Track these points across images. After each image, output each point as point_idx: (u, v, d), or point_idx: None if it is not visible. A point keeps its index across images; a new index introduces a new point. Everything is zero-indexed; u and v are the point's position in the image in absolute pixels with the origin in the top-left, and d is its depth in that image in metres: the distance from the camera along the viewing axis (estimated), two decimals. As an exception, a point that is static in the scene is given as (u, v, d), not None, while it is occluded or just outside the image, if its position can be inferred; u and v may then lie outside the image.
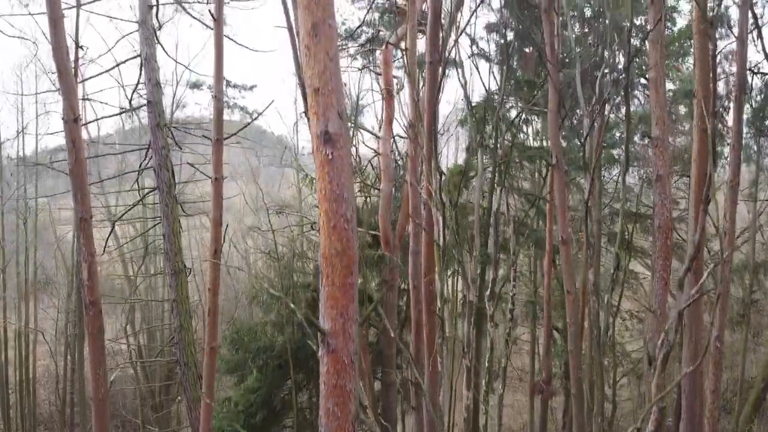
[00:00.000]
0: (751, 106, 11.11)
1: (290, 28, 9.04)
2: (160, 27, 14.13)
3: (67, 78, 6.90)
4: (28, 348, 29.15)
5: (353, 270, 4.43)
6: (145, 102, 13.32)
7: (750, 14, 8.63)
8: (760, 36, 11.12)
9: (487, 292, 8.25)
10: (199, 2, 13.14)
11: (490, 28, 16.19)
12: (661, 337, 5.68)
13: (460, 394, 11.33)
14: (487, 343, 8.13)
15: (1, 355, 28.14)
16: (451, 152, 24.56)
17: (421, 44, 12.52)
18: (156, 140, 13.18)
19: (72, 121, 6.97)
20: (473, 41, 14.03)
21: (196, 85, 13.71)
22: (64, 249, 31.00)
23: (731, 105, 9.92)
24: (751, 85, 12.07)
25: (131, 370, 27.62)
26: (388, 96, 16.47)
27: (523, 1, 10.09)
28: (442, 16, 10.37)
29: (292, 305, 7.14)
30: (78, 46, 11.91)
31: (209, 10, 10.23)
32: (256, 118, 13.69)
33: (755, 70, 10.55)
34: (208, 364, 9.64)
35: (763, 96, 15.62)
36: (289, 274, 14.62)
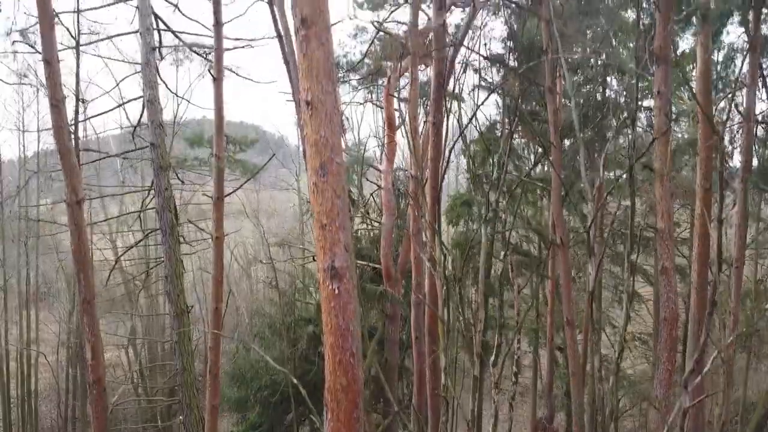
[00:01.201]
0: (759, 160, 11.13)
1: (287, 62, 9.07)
2: (162, 58, 14.17)
3: (69, 159, 6.90)
4: (30, 363, 29.19)
5: (358, 403, 4.45)
6: (148, 144, 13.36)
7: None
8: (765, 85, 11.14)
9: (491, 358, 8.26)
10: (199, 49, 13.08)
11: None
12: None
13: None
14: (491, 410, 8.12)
15: (3, 368, 28.20)
16: (452, 172, 24.53)
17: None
18: (159, 182, 13.21)
19: (75, 203, 6.97)
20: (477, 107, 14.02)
21: (195, 141, 13.67)
22: (64, 257, 31.02)
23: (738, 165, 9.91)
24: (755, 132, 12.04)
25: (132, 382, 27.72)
26: (390, 130, 16.47)
27: (525, 78, 10.17)
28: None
29: (294, 380, 7.14)
30: (78, 100, 11.89)
31: (209, 70, 10.24)
32: (257, 173, 13.64)
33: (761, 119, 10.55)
34: (210, 421, 9.67)
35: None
36: (291, 311, 14.63)
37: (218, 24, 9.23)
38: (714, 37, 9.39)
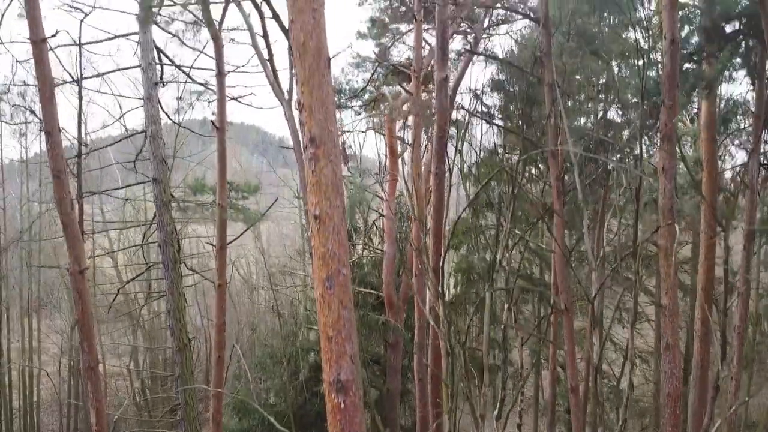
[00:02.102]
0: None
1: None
2: (164, 85, 14.15)
3: (72, 229, 6.89)
4: (32, 374, 29.22)
5: None
6: (150, 179, 13.33)
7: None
8: None
9: (495, 411, 8.25)
10: (202, 94, 13.06)
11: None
12: None
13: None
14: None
15: (5, 379, 28.23)
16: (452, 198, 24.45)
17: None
18: (161, 217, 13.19)
19: (77, 272, 6.97)
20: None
21: (198, 189, 13.67)
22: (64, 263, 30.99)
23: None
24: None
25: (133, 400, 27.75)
26: (392, 158, 16.46)
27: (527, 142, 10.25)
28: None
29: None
30: (80, 144, 11.87)
31: (212, 121, 10.20)
32: (259, 219, 13.63)
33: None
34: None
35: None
36: (293, 341, 14.64)
37: (220, 74, 9.20)
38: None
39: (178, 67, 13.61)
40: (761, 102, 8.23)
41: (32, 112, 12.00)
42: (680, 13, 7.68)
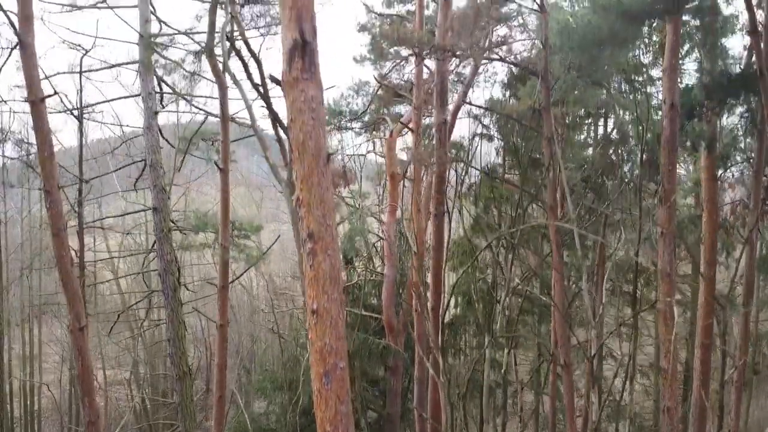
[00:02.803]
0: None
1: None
2: (163, 107, 14.14)
3: (72, 287, 6.92)
4: (32, 382, 29.26)
5: None
6: (151, 208, 13.37)
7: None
8: None
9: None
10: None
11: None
12: None
13: None
14: None
15: (5, 387, 28.27)
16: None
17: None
18: (161, 245, 13.21)
19: (77, 329, 7.01)
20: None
21: (200, 227, 13.71)
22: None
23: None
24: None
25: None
26: (392, 181, 16.45)
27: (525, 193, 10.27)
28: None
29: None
30: (82, 181, 11.90)
31: (215, 162, 10.22)
32: (261, 257, 13.67)
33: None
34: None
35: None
36: (293, 366, 14.66)
37: (225, 118, 9.20)
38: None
39: (180, 95, 13.62)
40: (761, 159, 8.23)
41: (29, 166, 11.99)
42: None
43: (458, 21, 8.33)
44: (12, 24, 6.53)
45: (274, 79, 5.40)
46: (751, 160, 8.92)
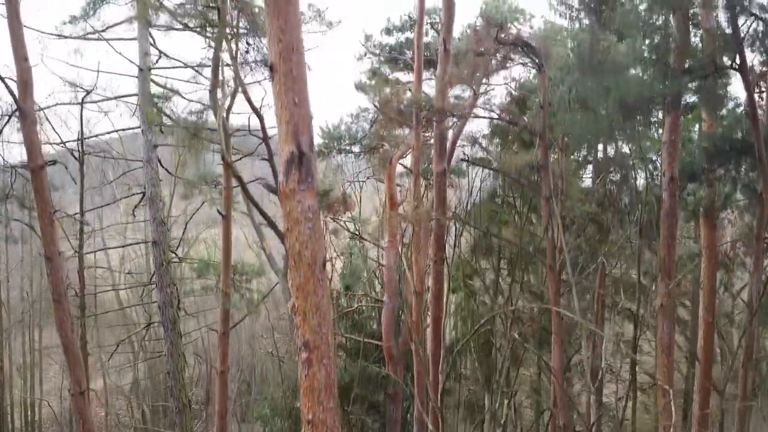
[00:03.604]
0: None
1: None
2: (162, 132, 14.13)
3: (73, 351, 6.95)
4: (32, 394, 29.31)
5: None
6: (151, 241, 13.39)
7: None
8: None
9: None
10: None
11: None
12: None
13: None
14: None
15: (6, 396, 28.30)
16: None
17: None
18: (161, 279, 13.24)
19: (78, 393, 7.03)
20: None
21: (202, 272, 13.76)
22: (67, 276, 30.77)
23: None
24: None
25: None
26: (392, 207, 16.41)
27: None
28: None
29: None
30: (81, 223, 11.92)
31: (217, 209, 10.21)
32: (263, 299, 13.70)
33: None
34: None
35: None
36: (294, 394, 14.67)
37: (227, 164, 9.17)
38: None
39: (181, 126, 13.60)
40: (762, 225, 8.22)
41: (31, 227, 11.98)
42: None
43: (456, 78, 8.32)
44: (11, 92, 6.52)
45: (270, 189, 5.38)
46: (752, 229, 8.93)
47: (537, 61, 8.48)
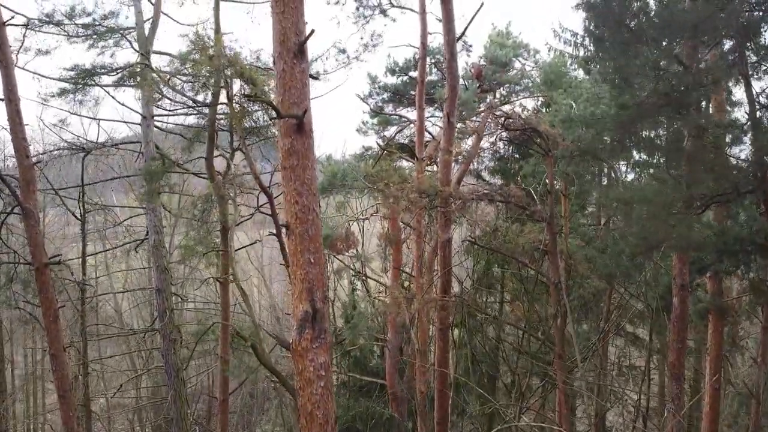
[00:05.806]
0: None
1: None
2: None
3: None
4: (35, 405, 29.20)
5: None
6: (154, 288, 13.32)
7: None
8: None
9: None
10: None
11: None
12: None
13: None
14: None
15: (9, 411, 28.18)
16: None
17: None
18: (164, 325, 13.18)
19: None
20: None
21: (200, 336, 13.68)
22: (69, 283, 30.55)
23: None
24: None
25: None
26: (395, 245, 16.37)
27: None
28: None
29: None
30: (83, 283, 11.87)
31: (217, 279, 10.13)
32: (258, 367, 13.64)
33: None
34: None
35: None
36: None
37: (224, 229, 9.12)
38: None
39: (185, 171, 13.56)
40: (766, 350, 8.16)
41: (35, 318, 11.94)
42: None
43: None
44: (13, 192, 6.42)
45: (283, 344, 5.25)
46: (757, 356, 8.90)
47: (543, 146, 8.40)
